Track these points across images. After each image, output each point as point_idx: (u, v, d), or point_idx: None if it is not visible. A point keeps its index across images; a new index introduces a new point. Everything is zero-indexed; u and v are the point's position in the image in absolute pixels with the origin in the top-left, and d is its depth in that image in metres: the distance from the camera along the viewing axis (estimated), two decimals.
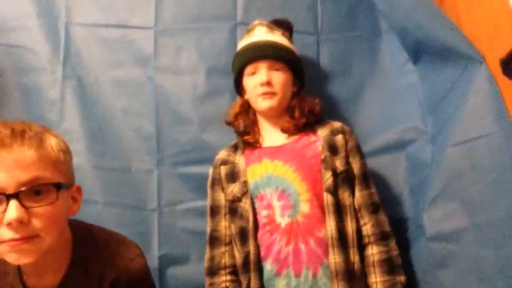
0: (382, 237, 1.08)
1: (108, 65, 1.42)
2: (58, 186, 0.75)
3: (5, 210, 0.71)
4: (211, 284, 1.13)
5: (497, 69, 0.93)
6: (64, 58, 1.41)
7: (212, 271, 1.13)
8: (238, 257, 1.12)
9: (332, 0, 1.45)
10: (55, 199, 0.75)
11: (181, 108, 1.41)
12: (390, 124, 1.33)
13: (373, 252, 1.07)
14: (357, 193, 1.11)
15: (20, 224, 0.71)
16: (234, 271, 1.13)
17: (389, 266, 1.05)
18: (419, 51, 1.23)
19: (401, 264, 1.07)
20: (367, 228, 1.09)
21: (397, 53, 1.33)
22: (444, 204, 1.05)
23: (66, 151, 0.82)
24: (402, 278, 1.06)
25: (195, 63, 1.43)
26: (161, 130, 1.39)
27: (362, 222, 1.10)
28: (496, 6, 0.97)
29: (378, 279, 1.05)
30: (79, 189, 0.87)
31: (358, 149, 1.16)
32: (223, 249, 1.14)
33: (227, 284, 1.11)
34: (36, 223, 0.72)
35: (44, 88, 1.40)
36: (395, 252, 1.08)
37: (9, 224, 0.70)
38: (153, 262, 1.31)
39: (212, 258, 1.14)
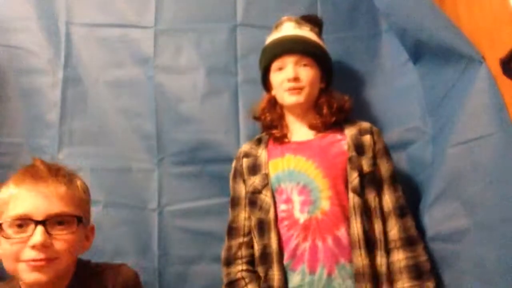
0: (409, 242, 1.05)
1: (108, 64, 1.42)
2: (79, 219, 0.86)
3: (31, 235, 0.80)
4: (227, 274, 1.13)
5: (497, 69, 0.93)
6: (64, 60, 1.41)
7: (229, 261, 1.14)
8: (256, 249, 1.11)
9: (332, 0, 1.45)
10: (75, 229, 0.85)
11: (181, 108, 1.41)
12: (390, 124, 1.32)
13: (399, 257, 1.04)
14: (386, 196, 1.09)
15: (43, 247, 0.80)
16: (250, 262, 1.13)
17: (416, 272, 1.02)
18: (419, 51, 1.23)
19: (430, 270, 1.04)
20: (394, 233, 1.06)
21: (397, 53, 1.33)
22: (445, 205, 1.05)
23: (88, 193, 0.94)
24: (430, 285, 1.02)
25: (195, 62, 1.43)
26: (161, 129, 1.39)
27: (389, 226, 1.07)
28: (496, 6, 0.97)
29: (406, 285, 1.01)
30: (92, 229, 0.96)
31: (385, 151, 1.14)
32: (240, 239, 1.14)
33: (243, 274, 1.11)
34: (57, 246, 0.82)
35: (45, 89, 1.39)
36: (423, 257, 1.04)
37: (33, 247, 0.79)
38: (152, 262, 1.31)
39: (229, 248, 1.15)
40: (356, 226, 1.04)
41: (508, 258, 0.86)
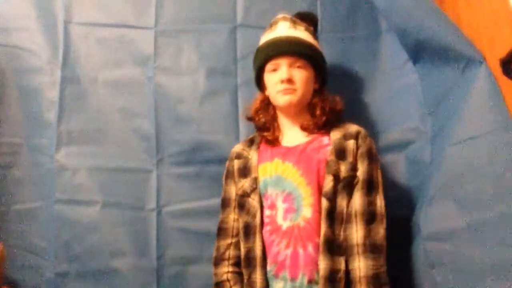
0: (371, 250, 1.01)
1: (108, 64, 1.42)
2: None
3: None
4: (215, 275, 1.15)
5: (497, 69, 0.92)
6: (63, 59, 1.41)
7: (216, 262, 1.16)
8: (242, 251, 1.13)
9: (332, 0, 1.44)
10: None
11: (180, 109, 1.41)
12: (390, 124, 1.32)
13: (360, 265, 1.00)
14: (355, 198, 1.05)
15: None
16: (237, 263, 1.14)
17: (375, 284, 0.98)
18: (419, 51, 1.22)
19: (388, 282, 1.01)
20: (358, 237, 1.01)
21: (397, 53, 1.33)
22: (440, 204, 1.05)
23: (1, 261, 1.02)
24: None
25: (195, 63, 1.43)
26: (160, 130, 1.39)
27: (353, 229, 1.03)
28: (496, 6, 0.97)
29: None
30: None
31: (369, 154, 1.10)
32: (229, 240, 1.16)
33: (229, 276, 1.13)
34: None
35: (43, 89, 1.40)
36: (382, 268, 1.01)
37: None
38: (151, 262, 1.31)
39: (217, 249, 1.17)
40: (323, 230, 1.03)
41: (501, 258, 0.86)
